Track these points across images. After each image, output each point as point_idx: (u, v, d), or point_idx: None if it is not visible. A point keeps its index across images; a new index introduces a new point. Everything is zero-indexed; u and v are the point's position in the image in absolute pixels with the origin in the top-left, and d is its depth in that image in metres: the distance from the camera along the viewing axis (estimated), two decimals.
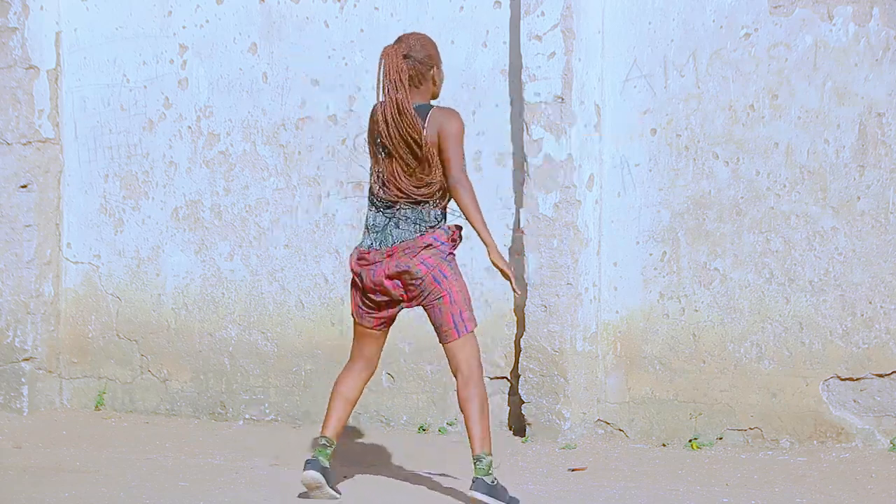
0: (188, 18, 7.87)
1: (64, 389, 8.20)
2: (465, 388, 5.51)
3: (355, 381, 5.71)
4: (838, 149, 6.66)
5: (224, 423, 7.79)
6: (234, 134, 7.81)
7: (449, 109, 5.65)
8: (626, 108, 7.01)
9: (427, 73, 5.65)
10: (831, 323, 6.67)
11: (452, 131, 5.57)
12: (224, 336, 7.85)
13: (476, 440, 5.47)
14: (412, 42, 5.65)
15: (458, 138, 5.59)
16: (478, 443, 5.46)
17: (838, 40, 6.64)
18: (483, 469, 5.46)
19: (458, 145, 5.58)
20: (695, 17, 6.87)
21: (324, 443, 5.66)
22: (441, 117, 5.59)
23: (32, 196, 8.02)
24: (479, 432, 5.46)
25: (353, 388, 5.71)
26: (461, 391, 5.52)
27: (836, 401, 6.69)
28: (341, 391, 5.70)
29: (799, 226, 6.73)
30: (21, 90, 7.99)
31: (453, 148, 5.56)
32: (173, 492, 6.08)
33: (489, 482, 5.46)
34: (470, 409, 5.50)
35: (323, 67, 7.60)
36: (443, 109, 5.63)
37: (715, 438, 6.88)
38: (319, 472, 5.59)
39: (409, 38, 5.68)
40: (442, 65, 5.75)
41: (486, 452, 5.47)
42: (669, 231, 6.97)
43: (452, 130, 5.57)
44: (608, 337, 7.08)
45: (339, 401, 5.69)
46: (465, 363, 5.54)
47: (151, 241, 8.00)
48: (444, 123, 5.57)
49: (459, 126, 5.60)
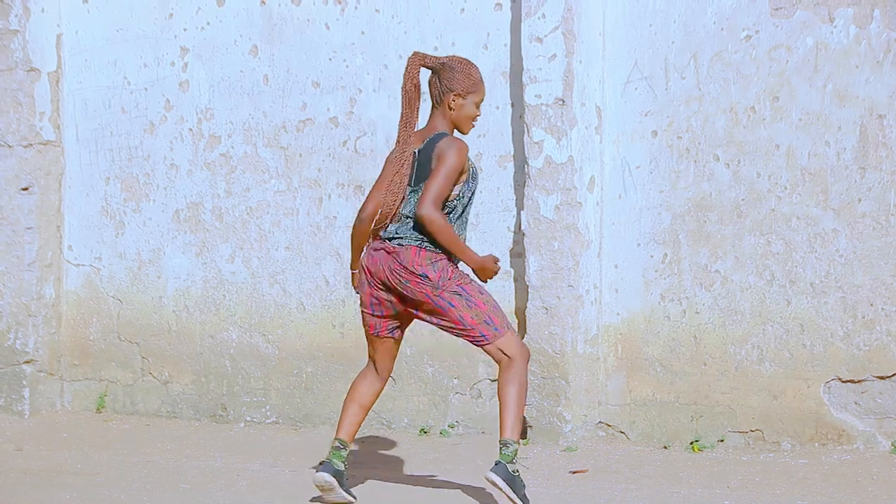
0: (189, 21, 7.87)
1: (65, 392, 8.20)
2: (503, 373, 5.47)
3: (367, 389, 5.70)
4: (839, 151, 6.66)
5: (225, 425, 7.79)
6: (234, 136, 7.81)
7: (455, 141, 5.46)
8: (627, 110, 7.01)
9: (444, 97, 5.51)
10: (832, 325, 6.67)
11: (445, 163, 5.40)
12: (225, 338, 7.85)
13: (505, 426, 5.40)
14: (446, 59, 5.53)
15: (448, 172, 5.40)
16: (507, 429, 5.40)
17: (839, 42, 6.64)
18: (508, 455, 5.40)
19: (443, 178, 5.39)
20: (696, 19, 6.87)
21: (337, 445, 5.65)
22: (443, 146, 5.44)
23: (33, 198, 8.03)
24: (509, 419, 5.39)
25: (365, 395, 5.70)
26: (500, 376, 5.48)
27: (837, 403, 6.69)
28: (354, 396, 5.70)
29: (800, 228, 6.73)
30: (22, 92, 7.99)
31: (437, 179, 5.39)
32: (174, 494, 6.08)
33: (510, 470, 5.40)
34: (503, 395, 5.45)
35: (324, 70, 7.60)
36: (450, 140, 5.47)
37: (716, 440, 6.88)
38: (332, 474, 5.58)
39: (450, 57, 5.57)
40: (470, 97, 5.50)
41: (514, 440, 5.41)
42: (670, 233, 6.97)
43: (445, 162, 5.40)
44: (609, 339, 7.08)
45: (353, 405, 5.70)
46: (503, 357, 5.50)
47: (152, 244, 8.00)
48: (443, 152, 5.43)
49: (455, 161, 5.41)
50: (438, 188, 5.40)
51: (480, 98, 5.55)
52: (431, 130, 5.54)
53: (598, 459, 6.73)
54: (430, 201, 5.38)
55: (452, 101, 5.50)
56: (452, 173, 5.41)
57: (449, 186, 5.43)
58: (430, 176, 5.41)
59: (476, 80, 5.52)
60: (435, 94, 5.54)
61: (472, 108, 5.53)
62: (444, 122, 5.53)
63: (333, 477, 5.58)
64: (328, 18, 7.59)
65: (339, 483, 5.61)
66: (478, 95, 5.54)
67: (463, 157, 5.44)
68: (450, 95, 5.50)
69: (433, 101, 5.58)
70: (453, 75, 5.48)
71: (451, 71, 5.49)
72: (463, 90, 5.50)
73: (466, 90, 5.50)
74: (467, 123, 5.56)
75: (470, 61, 5.58)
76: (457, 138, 5.51)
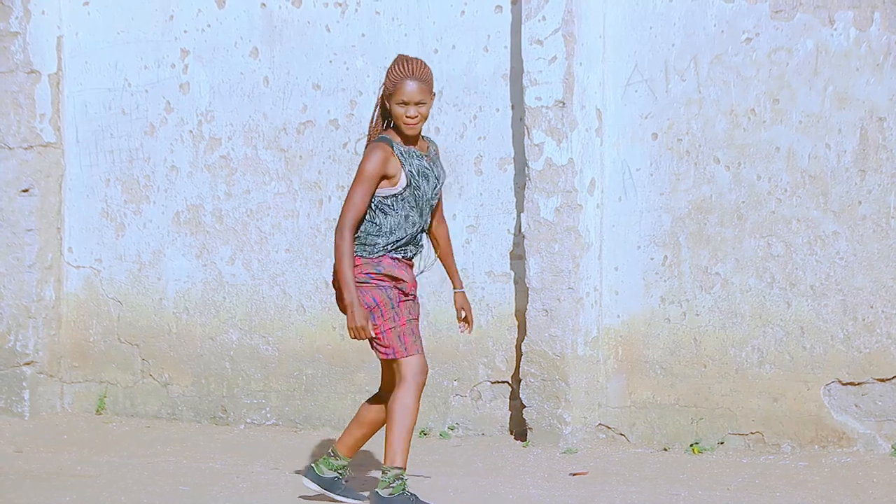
0: (189, 23, 7.87)
1: (65, 393, 8.20)
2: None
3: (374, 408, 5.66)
4: (839, 153, 6.66)
5: (225, 427, 7.79)
6: (235, 138, 7.81)
7: (370, 148, 5.40)
8: (628, 113, 7.01)
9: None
10: (832, 327, 6.67)
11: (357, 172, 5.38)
12: (225, 340, 7.85)
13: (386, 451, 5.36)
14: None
15: (358, 177, 5.35)
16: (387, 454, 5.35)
17: (839, 45, 6.64)
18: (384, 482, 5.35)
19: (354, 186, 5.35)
20: (696, 22, 6.87)
21: (329, 452, 5.69)
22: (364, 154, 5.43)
23: (34, 200, 8.03)
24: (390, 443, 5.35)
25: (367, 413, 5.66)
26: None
27: (837, 405, 6.69)
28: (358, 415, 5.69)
29: (800, 230, 6.73)
30: (22, 94, 7.99)
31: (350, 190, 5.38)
32: (174, 496, 6.08)
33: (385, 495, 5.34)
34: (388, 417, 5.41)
35: (324, 72, 7.60)
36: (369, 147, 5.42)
37: (716, 443, 6.87)
38: (313, 480, 5.65)
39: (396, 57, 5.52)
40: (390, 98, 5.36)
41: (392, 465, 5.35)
42: (670, 235, 6.97)
43: (359, 167, 5.38)
44: (609, 341, 7.08)
45: (353, 422, 5.70)
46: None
47: (153, 246, 8.00)
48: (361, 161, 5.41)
49: (363, 164, 5.35)
50: (348, 198, 5.38)
51: (400, 99, 5.37)
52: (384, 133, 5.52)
53: (598, 462, 6.73)
54: (341, 218, 5.37)
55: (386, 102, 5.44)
56: (361, 180, 5.34)
57: (361, 194, 5.35)
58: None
59: (393, 81, 5.38)
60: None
61: (396, 108, 5.39)
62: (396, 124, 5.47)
63: (317, 483, 5.63)
64: (329, 20, 7.59)
65: (329, 488, 5.63)
66: (396, 96, 5.38)
67: (371, 161, 5.35)
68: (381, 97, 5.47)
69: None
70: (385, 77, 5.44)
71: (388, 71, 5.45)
72: (385, 91, 5.44)
73: (387, 90, 5.43)
74: (400, 123, 5.42)
75: (401, 60, 5.43)
76: (374, 143, 5.42)
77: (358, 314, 5.34)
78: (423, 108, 5.41)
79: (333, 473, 5.66)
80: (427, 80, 5.42)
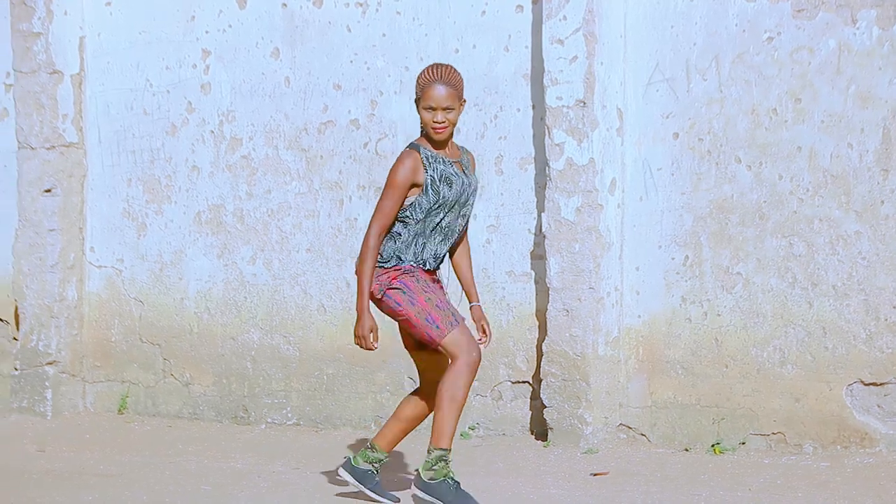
0: (211, 23, 7.89)
1: (87, 393, 8.23)
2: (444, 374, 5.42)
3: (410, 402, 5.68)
4: (862, 153, 6.63)
5: (246, 426, 7.80)
6: (256, 138, 7.83)
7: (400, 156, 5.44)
8: (649, 112, 7.00)
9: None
10: (855, 327, 6.64)
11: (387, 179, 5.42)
12: (246, 340, 7.86)
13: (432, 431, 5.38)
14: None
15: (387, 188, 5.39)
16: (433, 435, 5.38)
17: (862, 44, 6.61)
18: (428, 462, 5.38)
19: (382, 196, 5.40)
20: (717, 21, 6.86)
21: (368, 445, 5.71)
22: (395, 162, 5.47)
23: (56, 200, 8.06)
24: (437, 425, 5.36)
25: (405, 407, 5.68)
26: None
27: (859, 406, 6.66)
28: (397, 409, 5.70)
29: (822, 230, 6.70)
30: (45, 95, 8.03)
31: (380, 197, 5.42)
32: (196, 495, 6.09)
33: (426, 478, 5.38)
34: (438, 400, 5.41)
35: (345, 72, 7.61)
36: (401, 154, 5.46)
37: (738, 443, 6.86)
38: (348, 471, 5.65)
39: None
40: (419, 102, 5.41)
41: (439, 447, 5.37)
42: (692, 235, 6.95)
43: (387, 178, 5.42)
44: (630, 341, 7.07)
45: (392, 418, 5.70)
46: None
47: (174, 246, 8.02)
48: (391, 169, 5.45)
49: (390, 177, 5.40)
50: (378, 206, 5.42)
51: (427, 104, 5.41)
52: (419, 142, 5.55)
53: (619, 462, 6.71)
54: (370, 226, 5.43)
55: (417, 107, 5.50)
56: (393, 189, 5.38)
57: (390, 202, 5.39)
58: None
59: (421, 85, 5.42)
60: None
61: (424, 114, 5.43)
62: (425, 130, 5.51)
63: (351, 474, 5.63)
64: (349, 20, 7.59)
65: (361, 480, 5.63)
66: (424, 101, 5.42)
67: (399, 171, 5.38)
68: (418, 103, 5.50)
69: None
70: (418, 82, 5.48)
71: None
72: (415, 95, 5.48)
73: (416, 95, 5.47)
74: (428, 129, 5.45)
75: (430, 67, 5.47)
76: (404, 151, 5.46)
77: (364, 324, 5.37)
78: (452, 114, 5.43)
79: (368, 466, 5.65)
80: (455, 86, 5.43)
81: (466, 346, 5.38)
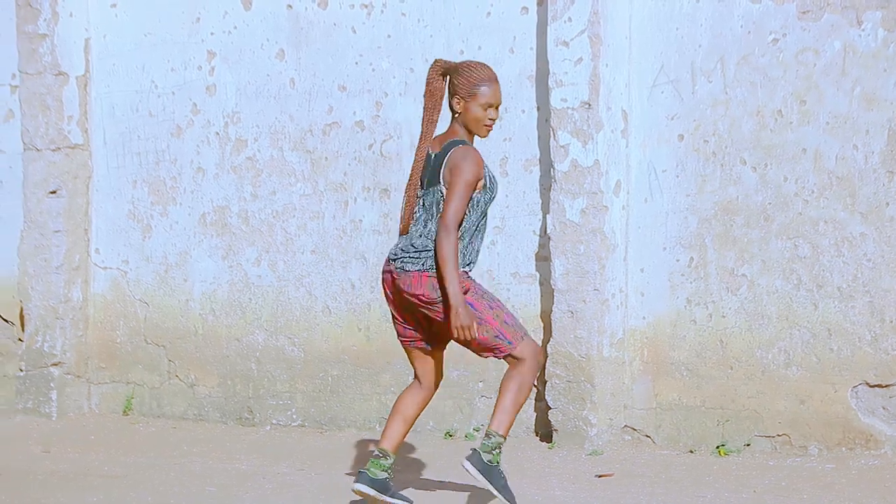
0: (216, 25, 7.90)
1: (92, 394, 8.24)
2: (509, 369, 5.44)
3: (410, 400, 5.63)
4: (867, 154, 6.63)
5: (251, 428, 7.81)
6: (261, 140, 7.84)
7: (469, 152, 5.38)
8: (654, 114, 6.99)
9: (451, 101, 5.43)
10: (860, 329, 6.64)
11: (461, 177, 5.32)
12: (251, 341, 7.87)
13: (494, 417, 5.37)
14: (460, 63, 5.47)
15: (464, 187, 5.31)
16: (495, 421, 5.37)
17: (867, 45, 6.61)
18: (487, 446, 5.36)
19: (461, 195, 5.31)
20: (722, 23, 6.86)
21: (377, 454, 5.57)
22: (457, 157, 5.36)
23: (62, 202, 8.07)
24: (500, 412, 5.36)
25: (409, 406, 5.63)
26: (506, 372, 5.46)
27: (864, 407, 6.66)
28: (398, 408, 5.62)
29: (827, 231, 6.70)
30: (50, 96, 8.04)
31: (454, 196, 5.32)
32: (201, 497, 6.10)
33: (485, 460, 5.35)
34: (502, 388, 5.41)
35: (350, 73, 7.61)
36: (465, 151, 5.38)
37: (742, 445, 6.85)
38: (367, 484, 5.51)
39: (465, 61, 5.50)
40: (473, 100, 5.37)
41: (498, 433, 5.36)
42: (697, 237, 6.95)
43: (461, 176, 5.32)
44: (635, 343, 7.07)
45: (395, 416, 5.62)
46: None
47: (179, 247, 8.03)
48: (456, 165, 5.34)
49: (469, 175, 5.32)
50: (455, 206, 5.33)
51: (487, 101, 5.39)
52: (450, 135, 5.48)
53: (623, 463, 6.71)
54: (447, 221, 5.32)
55: (456, 104, 5.43)
56: (469, 188, 5.34)
57: (466, 201, 5.35)
58: (447, 192, 5.35)
59: (476, 82, 5.39)
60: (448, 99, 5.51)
61: (478, 111, 5.40)
62: (460, 126, 5.46)
63: (371, 486, 5.51)
64: (354, 22, 7.60)
65: (382, 490, 5.54)
66: (482, 98, 5.39)
67: (477, 168, 5.36)
68: (453, 99, 5.43)
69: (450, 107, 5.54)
70: (458, 78, 5.42)
71: (457, 74, 5.43)
72: (464, 93, 5.40)
73: (467, 92, 5.40)
74: (478, 127, 5.44)
75: (480, 64, 5.47)
76: (471, 148, 5.41)
77: (465, 313, 5.32)
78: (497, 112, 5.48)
79: (385, 474, 5.57)
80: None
81: (534, 351, 5.46)
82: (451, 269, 5.30)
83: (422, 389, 5.65)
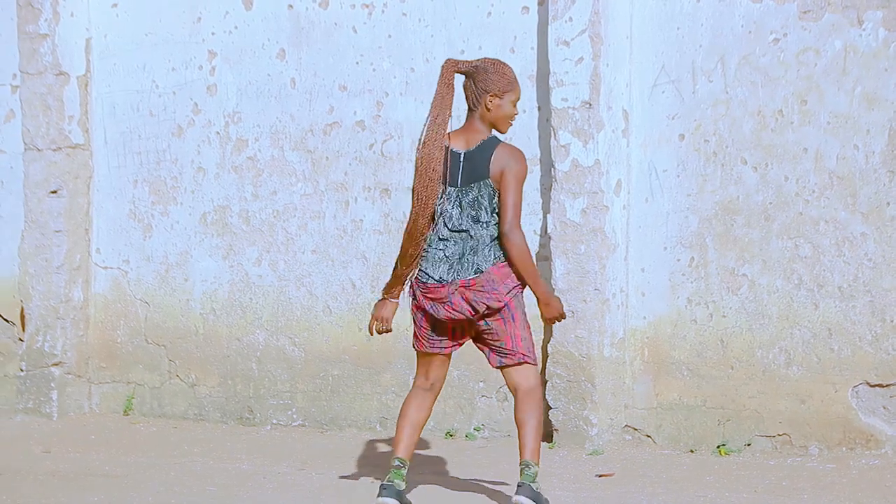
0: (217, 25, 7.90)
1: (93, 394, 8.24)
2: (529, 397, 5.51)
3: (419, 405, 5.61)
4: (868, 154, 6.63)
5: (252, 427, 7.81)
6: (262, 140, 7.84)
7: (515, 150, 5.47)
8: (654, 114, 6.99)
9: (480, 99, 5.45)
10: (860, 329, 6.64)
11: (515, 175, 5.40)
12: (252, 341, 7.87)
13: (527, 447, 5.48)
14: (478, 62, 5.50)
15: (520, 184, 5.42)
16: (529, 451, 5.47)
17: (868, 45, 6.61)
18: (530, 476, 5.44)
19: (518, 192, 5.41)
20: (723, 23, 6.85)
21: (397, 464, 5.52)
22: (506, 155, 5.42)
23: (62, 202, 8.07)
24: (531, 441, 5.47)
25: (417, 411, 5.60)
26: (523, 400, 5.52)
27: (865, 407, 6.65)
28: (408, 414, 5.58)
29: (828, 231, 6.70)
30: (51, 96, 8.04)
31: (513, 194, 5.40)
32: (201, 497, 6.10)
33: (535, 489, 5.44)
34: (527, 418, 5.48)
35: (351, 73, 7.62)
36: (511, 149, 5.46)
37: (743, 445, 6.85)
38: (395, 497, 5.47)
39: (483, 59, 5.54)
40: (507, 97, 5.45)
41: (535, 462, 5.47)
42: (697, 237, 6.95)
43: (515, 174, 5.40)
44: (636, 343, 7.06)
45: (408, 426, 5.57)
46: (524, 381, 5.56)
47: (180, 247, 8.03)
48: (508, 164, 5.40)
49: (523, 171, 5.43)
50: (516, 202, 5.43)
51: (517, 97, 5.51)
52: (472, 132, 5.49)
53: (624, 463, 6.71)
54: (513, 217, 5.41)
55: (490, 102, 5.45)
56: (519, 183, 5.44)
57: (520, 196, 5.46)
58: (503, 190, 5.40)
59: (510, 79, 5.49)
60: (470, 98, 5.49)
61: (510, 108, 5.49)
62: (483, 124, 5.49)
63: (396, 498, 5.47)
64: (355, 22, 7.60)
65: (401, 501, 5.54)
66: (514, 94, 5.50)
67: (525, 165, 5.47)
68: (486, 97, 5.45)
69: (469, 105, 5.51)
70: (488, 76, 5.45)
71: (485, 73, 5.47)
72: (499, 90, 5.46)
73: (502, 90, 5.46)
74: (505, 123, 5.52)
75: (503, 62, 5.55)
76: (515, 146, 5.53)
77: (556, 304, 5.55)
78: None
79: (403, 483, 5.57)
80: None
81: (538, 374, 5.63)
82: (532, 263, 5.47)
83: (428, 393, 5.63)
